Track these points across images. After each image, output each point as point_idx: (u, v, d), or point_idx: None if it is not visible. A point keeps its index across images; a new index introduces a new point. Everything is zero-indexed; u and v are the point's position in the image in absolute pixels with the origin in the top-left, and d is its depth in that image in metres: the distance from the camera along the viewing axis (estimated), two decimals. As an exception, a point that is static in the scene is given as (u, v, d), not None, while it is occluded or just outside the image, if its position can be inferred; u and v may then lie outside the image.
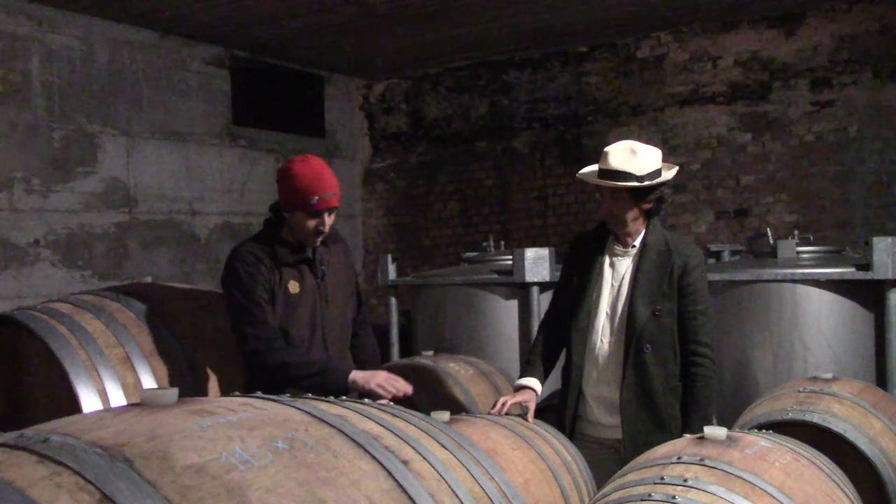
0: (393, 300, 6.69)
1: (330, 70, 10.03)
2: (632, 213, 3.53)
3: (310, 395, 2.17)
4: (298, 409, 1.79)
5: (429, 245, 10.17)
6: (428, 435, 1.98)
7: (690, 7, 7.99)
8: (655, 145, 8.44)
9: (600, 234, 3.71)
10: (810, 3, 7.94)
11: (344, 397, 2.15)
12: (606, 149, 3.51)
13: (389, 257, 6.62)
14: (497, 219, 9.73)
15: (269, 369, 3.38)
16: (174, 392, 1.70)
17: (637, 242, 3.61)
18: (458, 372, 4.99)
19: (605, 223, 3.65)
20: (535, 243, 8.49)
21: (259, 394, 1.90)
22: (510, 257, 5.96)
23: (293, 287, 3.48)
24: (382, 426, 1.88)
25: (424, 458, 1.82)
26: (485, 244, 6.79)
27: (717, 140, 8.49)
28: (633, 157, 3.45)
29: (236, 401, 1.77)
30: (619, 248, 3.64)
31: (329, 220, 3.47)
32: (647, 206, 3.55)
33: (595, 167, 3.59)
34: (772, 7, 8.04)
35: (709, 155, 8.52)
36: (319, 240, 3.52)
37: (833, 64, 7.96)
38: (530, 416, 3.52)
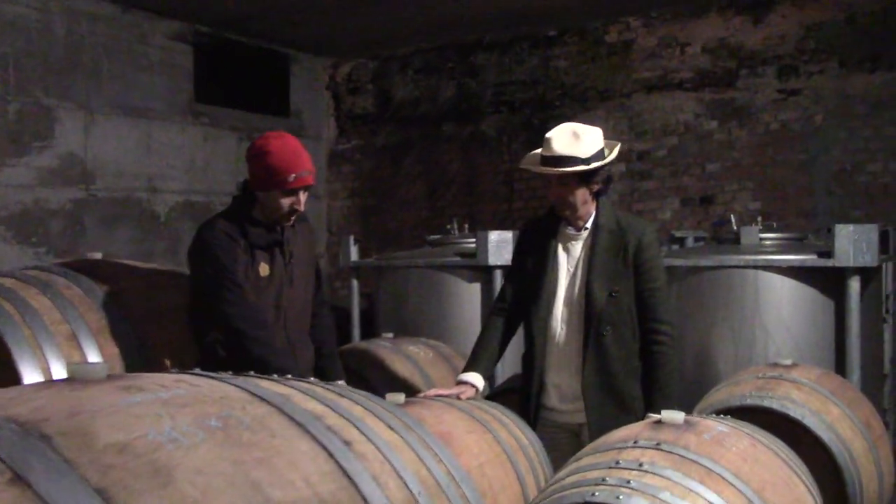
0: (354, 282, 6.61)
1: (296, 48, 9.87)
2: (581, 197, 3.48)
3: (252, 372, 2.09)
4: (237, 386, 1.71)
5: (394, 228, 10.08)
6: (374, 415, 1.90)
7: (660, -8, 7.96)
8: (622, 131, 8.48)
9: (551, 219, 3.65)
10: (779, -10, 7.94)
11: (289, 376, 2.07)
12: (548, 135, 3.44)
13: (351, 239, 6.54)
14: (463, 202, 9.66)
15: (248, 357, 3.24)
16: (103, 367, 1.61)
17: (589, 225, 3.56)
18: (417, 354, 4.93)
19: (555, 209, 3.59)
20: (501, 227, 8.40)
21: (197, 370, 1.82)
22: (474, 240, 5.90)
23: (263, 269, 3.40)
24: (326, 405, 1.80)
25: (369, 440, 1.75)
26: (448, 227, 6.73)
27: (683, 126, 8.47)
28: (576, 140, 3.40)
29: (171, 377, 1.69)
30: (571, 232, 3.58)
31: (304, 198, 3.39)
32: (595, 187, 3.49)
33: (537, 153, 3.53)
34: (741, -6, 8.03)
35: (675, 141, 8.50)
36: (293, 219, 3.44)
37: (800, 52, 7.96)
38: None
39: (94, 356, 3.45)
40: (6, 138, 6.98)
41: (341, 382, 3.67)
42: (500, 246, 5.69)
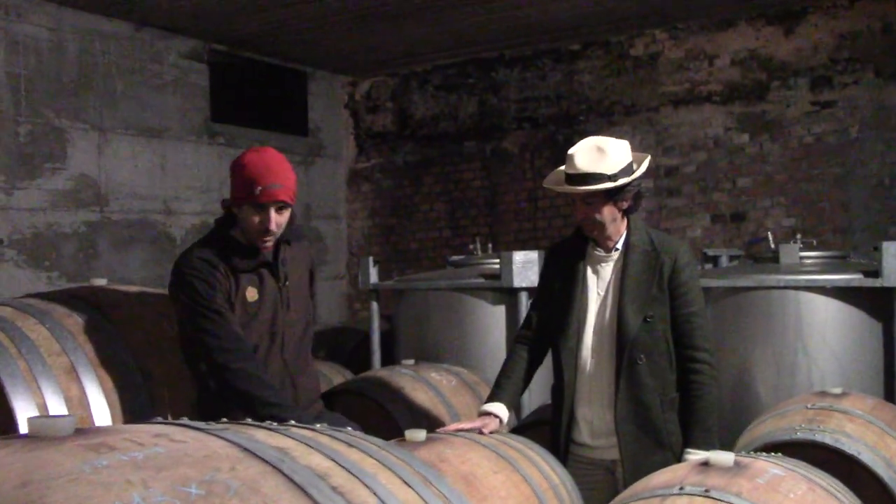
0: (374, 305, 6.36)
1: (314, 66, 9.70)
2: (609, 215, 3.22)
3: (249, 420, 1.85)
4: (228, 441, 1.47)
5: (415, 248, 9.85)
6: (388, 469, 1.66)
7: (687, 3, 7.71)
8: (649, 146, 8.23)
9: (578, 240, 3.40)
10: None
11: (292, 422, 1.83)
12: (571, 151, 3.20)
13: (371, 260, 6.31)
14: (485, 221, 9.42)
15: (233, 392, 3.03)
16: (69, 421, 1.38)
17: (619, 245, 3.30)
18: (439, 382, 4.70)
19: (582, 229, 3.33)
20: (524, 247, 8.17)
21: (185, 419, 1.58)
22: (498, 261, 5.65)
23: (251, 294, 3.14)
24: (332, 460, 1.56)
25: (382, 501, 1.50)
26: (471, 247, 6.49)
27: (713, 141, 8.20)
28: (601, 155, 3.15)
29: (151, 430, 1.45)
30: (600, 253, 3.33)
31: (277, 217, 3.08)
32: (624, 204, 3.24)
33: (561, 170, 3.29)
34: (771, 4, 7.76)
35: (704, 156, 8.23)
36: (268, 241, 3.14)
37: (834, 63, 7.69)
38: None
39: (93, 390, 3.24)
40: (18, 160, 6.82)
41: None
42: (525, 266, 5.43)
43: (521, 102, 9.25)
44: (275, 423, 1.68)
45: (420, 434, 2.92)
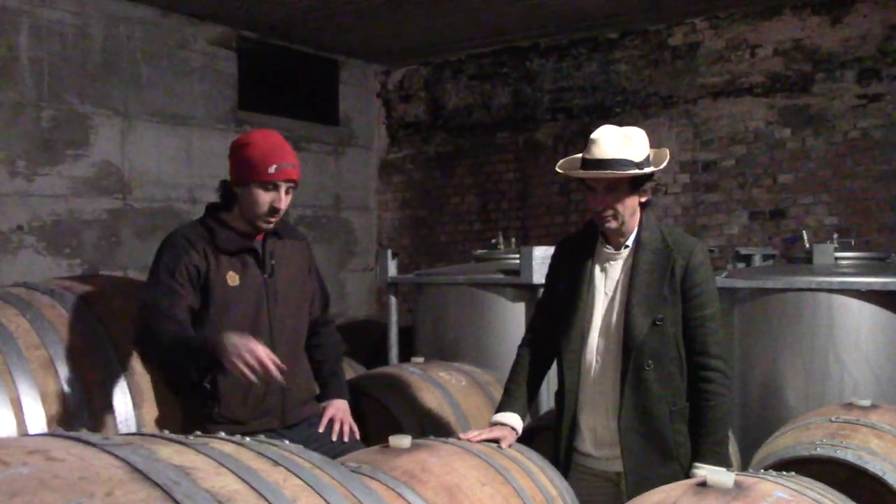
0: (393, 299, 6.19)
1: (346, 54, 9.54)
2: (630, 206, 3.02)
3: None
4: (120, 459, 1.30)
5: (444, 241, 9.66)
6: (314, 492, 1.47)
7: (728, -9, 7.40)
8: (686, 139, 7.95)
9: (587, 236, 3.20)
10: (859, -13, 7.31)
11: (222, 434, 1.66)
12: (594, 135, 2.98)
13: (389, 252, 6.13)
14: (516, 214, 9.19)
15: (147, 332, 3.01)
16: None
17: (630, 242, 3.08)
18: (448, 382, 4.50)
19: (597, 223, 3.11)
20: (555, 241, 7.94)
21: (84, 431, 1.42)
22: (518, 256, 5.44)
23: (232, 279, 3.07)
24: (245, 482, 1.38)
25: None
26: (494, 241, 6.28)
27: (753, 135, 7.87)
28: (628, 141, 2.95)
29: (28, 445, 1.28)
30: (609, 251, 3.12)
31: (286, 197, 3.07)
32: (644, 197, 3.04)
33: (577, 157, 3.07)
34: (817, -8, 7.42)
35: (744, 151, 7.91)
36: (274, 220, 3.09)
37: (883, 55, 7.31)
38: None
39: (72, 384, 3.11)
40: (39, 146, 6.76)
41: (341, 403, 3.35)
42: (545, 262, 5.16)
43: (555, 93, 8.99)
44: (191, 438, 1.50)
45: (405, 440, 2.75)
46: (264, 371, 2.62)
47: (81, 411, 3.08)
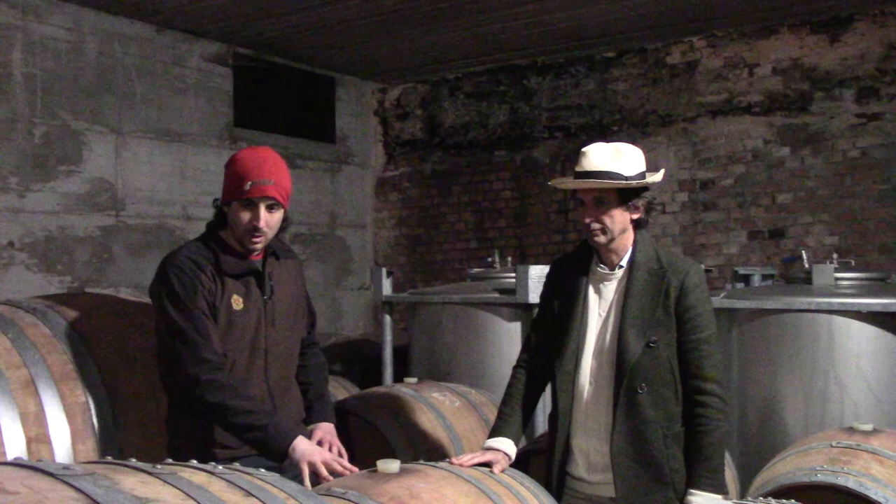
0: (387, 318, 6.12)
1: (342, 72, 9.50)
2: (620, 222, 2.96)
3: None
4: (78, 491, 1.22)
5: (441, 259, 9.59)
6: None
7: (726, 10, 7.36)
8: (685, 158, 7.89)
9: (581, 256, 3.14)
10: (858, 6, 7.26)
11: (194, 462, 1.59)
12: (585, 149, 2.96)
13: (384, 271, 6.07)
14: (514, 233, 9.13)
15: (204, 404, 2.81)
16: None
17: (624, 262, 3.02)
18: (441, 403, 4.42)
19: (587, 239, 3.06)
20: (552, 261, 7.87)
21: (43, 460, 1.35)
22: (514, 275, 5.37)
23: (237, 302, 2.95)
24: (213, 515, 1.31)
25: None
26: (490, 259, 6.21)
27: (751, 154, 7.83)
28: (619, 155, 2.92)
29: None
30: (604, 270, 3.05)
31: (267, 216, 2.90)
32: (636, 214, 2.97)
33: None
34: (815, 11, 7.38)
35: (742, 170, 7.86)
36: (257, 242, 2.94)
37: (881, 73, 7.28)
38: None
39: (53, 406, 3.03)
40: (32, 162, 6.70)
41: (328, 427, 3.22)
42: (541, 282, 5.11)
43: (552, 111, 8.96)
44: (159, 467, 1.43)
45: (393, 465, 2.67)
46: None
47: (62, 433, 3.00)
